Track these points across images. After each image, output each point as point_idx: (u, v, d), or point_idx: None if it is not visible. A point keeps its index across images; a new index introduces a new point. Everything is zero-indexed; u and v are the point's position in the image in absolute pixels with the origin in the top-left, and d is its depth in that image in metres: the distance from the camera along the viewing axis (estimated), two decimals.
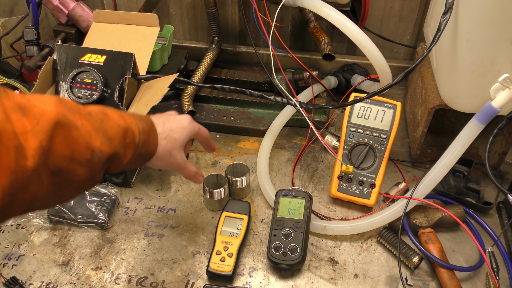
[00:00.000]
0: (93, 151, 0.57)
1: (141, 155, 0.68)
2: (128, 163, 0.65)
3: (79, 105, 0.59)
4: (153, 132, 0.71)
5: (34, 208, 0.55)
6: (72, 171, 0.55)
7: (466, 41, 0.82)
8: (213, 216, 0.97)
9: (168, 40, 1.21)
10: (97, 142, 0.58)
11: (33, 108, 0.51)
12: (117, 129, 0.62)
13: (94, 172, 0.59)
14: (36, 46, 1.17)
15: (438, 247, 0.86)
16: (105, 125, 0.60)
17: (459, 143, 0.83)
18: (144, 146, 0.67)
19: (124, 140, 0.62)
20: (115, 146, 0.60)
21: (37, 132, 0.50)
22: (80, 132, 0.55)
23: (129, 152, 0.64)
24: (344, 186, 0.98)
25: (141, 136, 0.66)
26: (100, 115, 0.61)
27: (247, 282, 0.85)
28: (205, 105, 1.24)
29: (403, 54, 1.34)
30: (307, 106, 0.99)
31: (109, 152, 0.59)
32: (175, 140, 0.75)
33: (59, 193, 0.57)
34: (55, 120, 0.52)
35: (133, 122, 0.65)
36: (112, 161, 0.62)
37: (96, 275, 0.86)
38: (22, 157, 0.49)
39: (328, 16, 1.00)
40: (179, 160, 0.77)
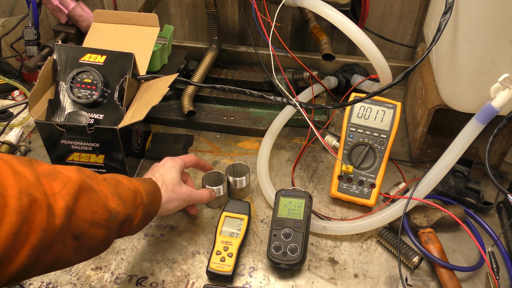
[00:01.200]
0: (110, 211, 0.64)
1: (148, 215, 0.75)
2: (137, 225, 0.72)
3: (95, 173, 0.67)
4: (158, 191, 0.79)
5: (52, 269, 0.60)
6: (91, 235, 0.61)
7: (466, 41, 0.82)
8: (213, 216, 0.97)
9: (168, 40, 1.21)
10: (113, 204, 0.65)
11: (60, 174, 0.59)
12: (129, 192, 0.69)
13: (110, 233, 0.65)
14: (36, 46, 1.17)
15: (438, 247, 0.86)
16: (119, 189, 0.68)
17: (459, 143, 0.83)
18: (151, 205, 0.75)
19: (135, 201, 0.70)
20: (128, 207, 0.68)
21: (64, 194, 0.57)
22: (98, 195, 0.63)
23: (139, 212, 0.71)
24: (344, 186, 0.98)
25: (148, 197, 0.73)
26: (113, 180, 0.69)
27: (247, 282, 0.85)
28: (205, 105, 1.24)
29: (403, 54, 1.34)
30: (307, 106, 0.99)
31: (124, 213, 0.66)
32: (171, 179, 0.83)
33: (78, 257, 0.63)
34: (79, 184, 0.59)
35: (140, 185, 0.73)
36: (125, 224, 0.68)
37: (96, 275, 0.86)
38: (52, 215, 0.54)
39: (328, 16, 1.00)
40: (185, 192, 0.85)
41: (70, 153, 0.98)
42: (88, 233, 0.61)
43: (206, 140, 1.18)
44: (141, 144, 1.08)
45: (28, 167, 0.56)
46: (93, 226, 0.61)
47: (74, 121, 0.95)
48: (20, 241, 0.51)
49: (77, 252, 0.61)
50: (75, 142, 0.96)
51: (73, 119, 0.95)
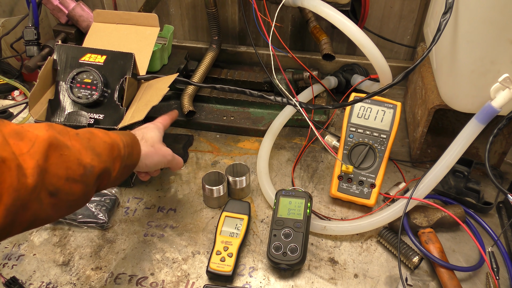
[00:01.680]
0: (85, 166, 0.63)
1: (127, 166, 0.74)
2: (116, 176, 0.71)
3: (67, 128, 0.65)
4: (136, 142, 0.78)
5: (33, 226, 0.60)
6: (68, 191, 0.61)
7: (466, 41, 0.82)
8: (213, 216, 0.97)
9: (168, 40, 1.21)
10: (88, 158, 0.64)
11: (27, 133, 0.58)
12: (104, 145, 0.68)
13: (88, 188, 0.65)
14: (36, 46, 1.17)
15: (438, 247, 0.86)
16: (93, 143, 0.67)
17: (459, 143, 0.83)
18: (129, 157, 0.74)
19: (111, 154, 0.69)
20: (104, 160, 0.67)
21: (33, 153, 0.56)
22: (71, 151, 0.62)
23: (117, 165, 0.70)
24: (344, 186, 0.98)
25: (126, 149, 0.73)
26: (87, 134, 0.68)
27: (247, 282, 0.85)
28: (205, 105, 1.24)
29: (403, 54, 1.34)
30: (307, 106, 0.99)
31: (100, 167, 0.65)
32: (152, 137, 0.84)
33: (57, 213, 0.62)
34: (48, 141, 0.58)
35: (118, 137, 0.72)
36: (103, 177, 0.67)
37: (96, 275, 0.86)
38: (23, 175, 0.54)
39: (328, 16, 1.00)
40: (166, 151, 0.86)
41: None
42: (65, 189, 0.60)
43: (206, 140, 1.18)
44: None
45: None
46: (68, 182, 0.60)
47: (74, 121, 0.95)
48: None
49: (56, 208, 0.60)
50: None
51: (73, 119, 0.95)
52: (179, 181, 1.05)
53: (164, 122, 0.94)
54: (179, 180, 1.06)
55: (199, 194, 1.02)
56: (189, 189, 1.03)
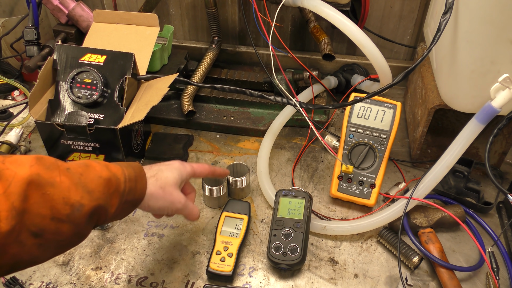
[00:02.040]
0: (72, 205, 0.58)
1: (128, 202, 0.67)
2: (116, 212, 0.65)
3: (58, 162, 0.60)
4: (141, 177, 0.70)
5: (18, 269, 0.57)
6: (55, 230, 0.57)
7: (466, 41, 0.82)
8: (213, 216, 0.97)
9: (168, 40, 1.21)
10: (77, 196, 0.58)
11: (5, 171, 0.53)
12: (98, 180, 0.62)
13: (79, 227, 0.60)
14: (36, 46, 1.17)
15: (438, 247, 0.86)
16: (85, 178, 0.61)
17: (459, 143, 0.83)
18: (130, 192, 0.67)
19: (107, 190, 0.63)
20: (96, 197, 0.61)
21: (9, 194, 0.52)
22: (56, 189, 0.57)
23: (115, 201, 0.64)
24: (344, 186, 0.98)
25: (127, 184, 0.66)
26: (80, 168, 0.62)
27: (247, 282, 0.85)
28: (205, 105, 1.24)
29: (403, 54, 1.34)
30: (307, 106, 0.99)
31: (90, 205, 0.60)
32: (166, 177, 0.74)
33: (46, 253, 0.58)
34: (27, 180, 0.54)
35: (119, 170, 0.66)
36: (98, 214, 0.62)
37: (96, 275, 0.86)
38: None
39: (328, 16, 1.00)
40: (177, 197, 0.74)
41: (70, 153, 0.98)
42: (50, 229, 0.56)
43: (206, 140, 1.18)
44: (141, 144, 1.08)
45: None
46: (54, 221, 0.56)
47: (74, 121, 0.95)
48: None
49: (43, 249, 0.57)
50: (75, 142, 0.96)
51: (73, 119, 0.95)
52: None
53: (200, 170, 0.82)
54: None
55: (199, 195, 1.02)
56: None
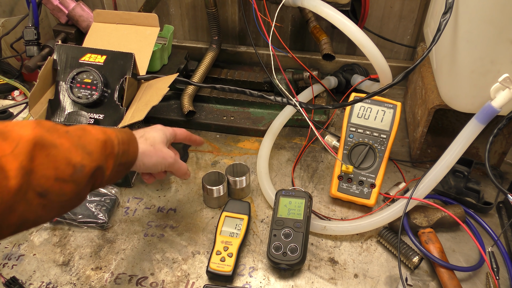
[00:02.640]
0: (74, 166, 0.60)
1: (122, 165, 0.71)
2: (111, 175, 0.68)
3: (57, 125, 0.62)
4: (133, 141, 0.74)
5: (24, 228, 0.59)
6: (59, 191, 0.59)
7: (466, 41, 0.82)
8: (213, 216, 0.97)
9: (168, 40, 1.21)
10: (78, 157, 0.61)
11: (11, 133, 0.56)
12: (96, 142, 0.65)
13: (80, 188, 0.62)
14: (36, 46, 1.17)
15: (438, 247, 0.86)
16: (84, 141, 0.64)
17: (459, 143, 0.83)
18: (124, 155, 0.70)
19: (104, 151, 0.66)
20: (95, 159, 0.64)
21: (17, 154, 0.54)
22: (59, 150, 0.59)
23: (110, 163, 0.67)
24: (344, 186, 0.98)
25: (120, 146, 0.69)
26: (78, 131, 0.65)
27: (247, 282, 0.85)
28: (205, 105, 1.24)
29: (403, 54, 1.34)
30: (307, 106, 0.99)
31: (91, 166, 0.63)
32: (154, 136, 0.80)
33: (49, 213, 0.60)
34: (33, 141, 0.56)
35: (113, 134, 0.69)
36: (96, 176, 0.65)
37: (96, 275, 0.86)
38: (5, 177, 0.52)
39: (328, 16, 1.00)
40: (167, 153, 0.81)
41: None
42: (55, 190, 0.58)
43: (206, 140, 1.17)
44: None
45: None
46: (58, 182, 0.58)
47: (74, 121, 0.95)
48: None
49: (47, 209, 0.59)
50: None
51: (73, 119, 0.95)
52: (179, 181, 1.05)
53: (179, 132, 0.88)
54: (179, 180, 1.06)
55: (199, 194, 1.02)
56: (189, 189, 1.03)
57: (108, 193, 0.98)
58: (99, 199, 0.96)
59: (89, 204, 0.95)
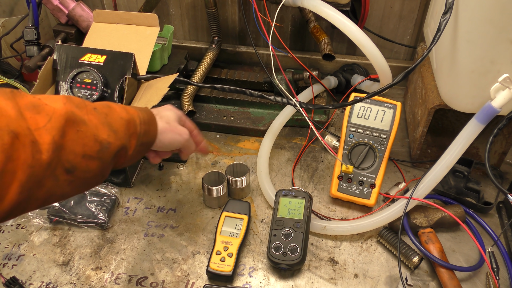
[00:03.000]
0: (101, 142, 0.61)
1: (144, 144, 0.72)
2: (133, 154, 0.69)
3: (85, 101, 0.63)
4: (153, 120, 0.75)
5: (49, 203, 0.60)
6: (85, 168, 0.60)
7: (466, 41, 0.82)
8: (213, 216, 0.97)
9: (168, 40, 1.21)
10: (104, 134, 0.62)
11: (45, 107, 0.56)
12: (121, 121, 0.66)
13: (105, 164, 0.63)
14: (36, 46, 1.17)
15: (438, 247, 0.86)
16: (110, 119, 0.65)
17: (459, 143, 0.83)
18: (145, 135, 0.71)
19: (128, 131, 0.67)
20: (120, 137, 0.65)
21: (50, 128, 0.54)
22: (87, 127, 0.60)
23: (133, 142, 0.68)
24: (344, 186, 0.98)
25: (142, 126, 0.70)
26: (105, 109, 0.66)
27: (247, 282, 0.85)
28: (205, 105, 1.24)
29: (403, 54, 1.34)
30: (307, 106, 0.99)
31: (116, 144, 0.64)
32: (168, 115, 0.80)
33: (74, 190, 0.61)
34: (65, 117, 0.56)
35: (135, 113, 0.70)
36: (120, 154, 0.66)
37: (96, 275, 0.86)
38: (38, 151, 0.53)
39: (328, 16, 1.00)
40: (182, 129, 0.80)
41: None
42: (81, 166, 0.59)
43: (206, 140, 1.17)
44: None
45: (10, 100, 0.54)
46: (85, 159, 0.59)
47: None
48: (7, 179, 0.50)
49: (72, 186, 0.60)
50: None
51: None
52: (179, 181, 1.05)
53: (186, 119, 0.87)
54: (179, 180, 1.06)
55: (199, 194, 1.02)
56: (189, 189, 1.03)
57: (108, 193, 0.98)
58: (99, 199, 0.96)
59: (89, 204, 0.95)
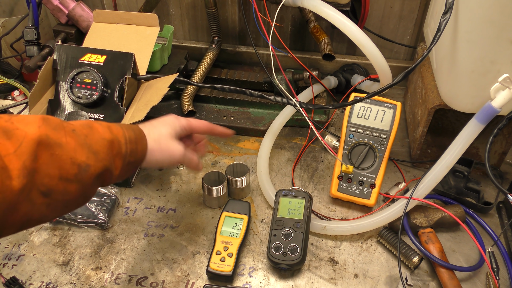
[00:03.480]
0: (79, 165, 0.59)
1: (131, 163, 0.70)
2: (120, 174, 0.67)
3: (63, 123, 0.61)
4: (141, 139, 0.72)
5: (29, 226, 0.59)
6: (63, 191, 0.58)
7: (466, 41, 0.82)
8: (213, 216, 0.97)
9: (168, 40, 1.21)
10: (83, 157, 0.60)
11: (16, 131, 0.55)
12: (102, 142, 0.64)
13: (86, 187, 0.61)
14: (36, 46, 1.17)
15: (438, 247, 0.86)
16: (90, 140, 0.63)
17: (459, 143, 0.83)
18: (132, 154, 0.69)
19: (111, 152, 0.65)
20: (102, 158, 0.63)
21: (20, 153, 0.53)
22: (63, 150, 0.58)
23: (118, 162, 0.66)
24: (344, 186, 0.98)
25: (128, 146, 0.68)
26: (85, 130, 0.63)
27: (247, 282, 0.85)
28: (205, 105, 1.24)
29: (403, 54, 1.34)
30: (307, 106, 0.99)
31: (97, 166, 0.62)
32: (159, 133, 0.76)
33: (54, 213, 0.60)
34: (37, 141, 0.55)
35: (120, 132, 0.68)
36: (104, 175, 0.64)
37: (96, 275, 0.86)
38: (7, 177, 0.52)
39: (328, 16, 1.00)
40: (173, 148, 0.76)
41: None
42: (59, 189, 0.58)
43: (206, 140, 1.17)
44: None
45: None
46: (62, 181, 0.58)
47: None
48: None
49: (51, 209, 0.58)
50: None
51: (73, 119, 0.95)
52: (179, 181, 1.05)
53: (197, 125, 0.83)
54: (179, 180, 1.06)
55: (199, 194, 1.02)
56: (189, 189, 1.03)
57: (108, 193, 0.98)
58: (99, 199, 0.96)
59: (89, 204, 0.95)
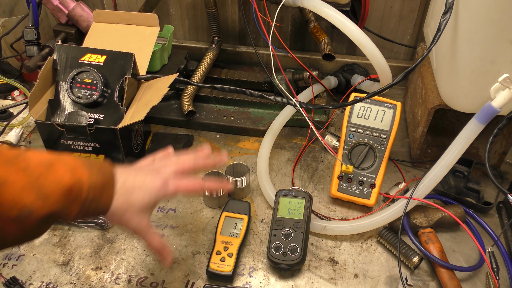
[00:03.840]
0: (20, 209, 0.54)
1: (91, 210, 0.62)
2: (78, 217, 0.61)
3: (19, 157, 0.57)
4: (109, 187, 0.64)
5: None
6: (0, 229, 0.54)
7: (466, 41, 0.82)
8: (213, 216, 0.97)
9: (168, 40, 1.21)
10: (29, 199, 0.54)
11: None
12: (56, 186, 0.57)
13: (27, 230, 0.56)
14: (36, 46, 1.17)
15: (438, 247, 0.86)
16: (43, 181, 0.56)
17: (459, 143, 0.83)
18: (93, 202, 0.61)
19: (67, 197, 0.58)
20: (51, 203, 0.56)
21: None
22: (7, 188, 0.53)
23: (75, 208, 0.60)
24: (344, 186, 0.98)
25: (90, 192, 0.60)
26: (41, 168, 0.57)
27: (247, 282, 0.85)
28: (205, 105, 1.24)
29: (403, 54, 1.34)
30: (307, 106, 0.99)
31: (42, 212, 0.56)
32: (132, 203, 0.66)
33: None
34: None
35: (85, 176, 0.60)
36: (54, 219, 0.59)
37: (96, 275, 0.86)
38: None
39: (328, 16, 1.00)
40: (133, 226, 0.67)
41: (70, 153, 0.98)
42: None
43: (206, 140, 1.18)
44: (141, 144, 1.08)
45: None
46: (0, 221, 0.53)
47: (74, 121, 0.95)
48: None
49: None
50: (75, 142, 0.96)
51: (73, 119, 0.95)
52: None
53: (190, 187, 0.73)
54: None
55: (199, 194, 1.02)
56: None
57: None
58: None
59: None
